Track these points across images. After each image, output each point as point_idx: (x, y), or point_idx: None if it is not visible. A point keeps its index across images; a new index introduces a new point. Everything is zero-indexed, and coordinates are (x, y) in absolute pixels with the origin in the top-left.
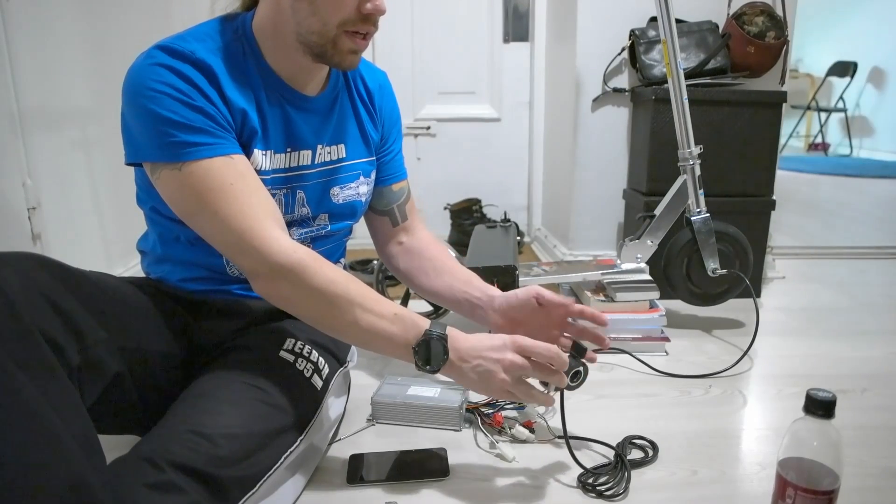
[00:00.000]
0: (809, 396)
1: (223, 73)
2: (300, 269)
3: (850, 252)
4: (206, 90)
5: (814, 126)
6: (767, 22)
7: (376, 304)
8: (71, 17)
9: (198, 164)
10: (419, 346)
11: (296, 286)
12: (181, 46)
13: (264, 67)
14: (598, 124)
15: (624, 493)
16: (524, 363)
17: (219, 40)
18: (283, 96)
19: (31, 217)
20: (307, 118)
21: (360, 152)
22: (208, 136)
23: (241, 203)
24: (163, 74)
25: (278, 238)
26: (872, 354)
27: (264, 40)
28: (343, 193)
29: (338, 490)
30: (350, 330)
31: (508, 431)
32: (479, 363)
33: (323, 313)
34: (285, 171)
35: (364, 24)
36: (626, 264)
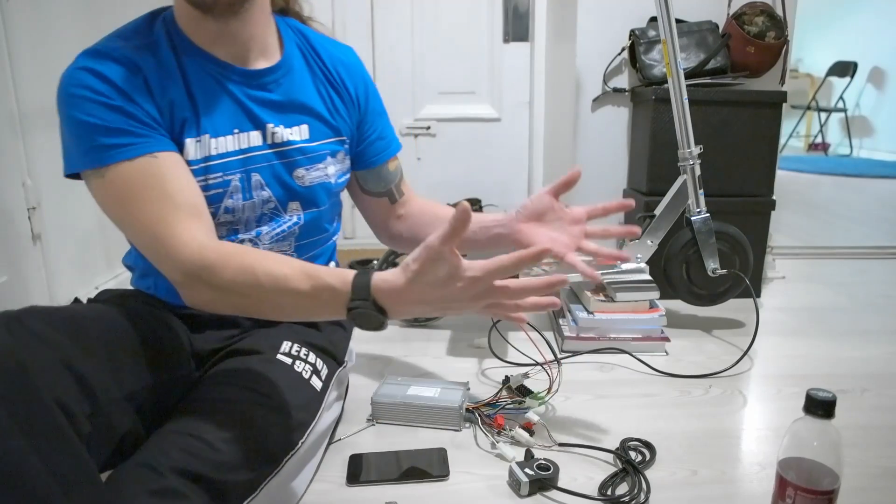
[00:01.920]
0: (809, 396)
1: (148, 67)
2: (208, 269)
3: (850, 252)
4: (126, 87)
5: (814, 126)
6: (767, 22)
7: (289, 280)
8: (71, 17)
9: (118, 167)
10: (350, 316)
11: (210, 287)
12: (103, 46)
13: (196, 52)
14: (598, 124)
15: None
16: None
17: (146, 34)
18: (223, 76)
19: (31, 217)
20: (254, 96)
21: (325, 132)
22: (129, 136)
23: (157, 208)
24: (82, 78)
25: (187, 241)
26: (872, 354)
27: (181, 22)
28: (309, 175)
29: (338, 490)
30: (278, 315)
31: (508, 433)
32: (431, 308)
33: (246, 307)
34: (237, 153)
35: None
36: (626, 264)
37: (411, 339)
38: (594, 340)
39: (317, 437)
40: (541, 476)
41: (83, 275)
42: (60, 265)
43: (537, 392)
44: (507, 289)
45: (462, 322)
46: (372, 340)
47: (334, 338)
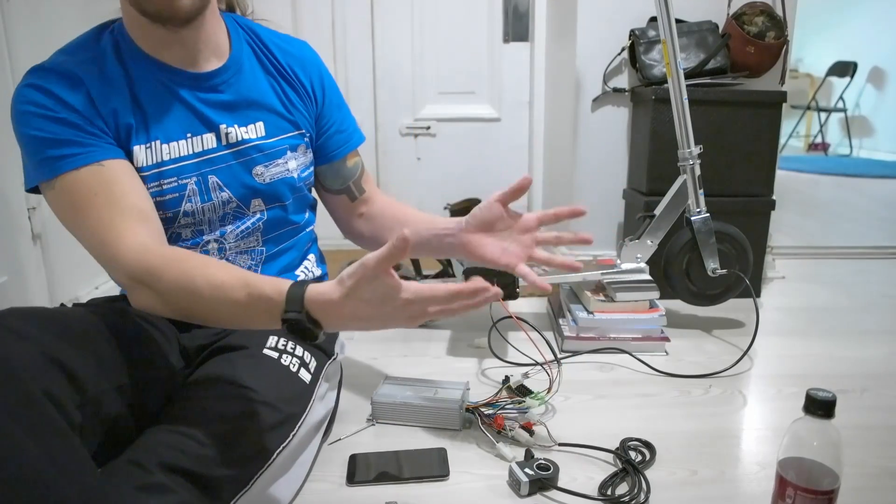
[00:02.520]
0: (809, 396)
1: (91, 78)
2: (150, 273)
3: (850, 252)
4: (69, 99)
5: (814, 126)
6: (767, 22)
7: (226, 288)
8: (71, 17)
9: (66, 177)
10: (286, 328)
11: (152, 292)
12: (47, 62)
13: (144, 58)
14: (598, 124)
15: (645, 501)
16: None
17: (91, 47)
18: (173, 81)
19: (31, 217)
20: (205, 99)
21: (281, 128)
22: (74, 146)
23: (103, 213)
24: (27, 94)
25: (130, 246)
26: (872, 354)
27: (130, 30)
28: (269, 172)
29: (338, 490)
30: (216, 322)
31: (508, 433)
32: (366, 325)
33: (185, 313)
34: (192, 157)
35: None
36: (626, 264)
37: (411, 339)
38: (594, 340)
39: (309, 428)
40: (541, 476)
41: (83, 275)
42: (60, 265)
43: (537, 392)
44: (441, 310)
45: (462, 322)
46: (372, 340)
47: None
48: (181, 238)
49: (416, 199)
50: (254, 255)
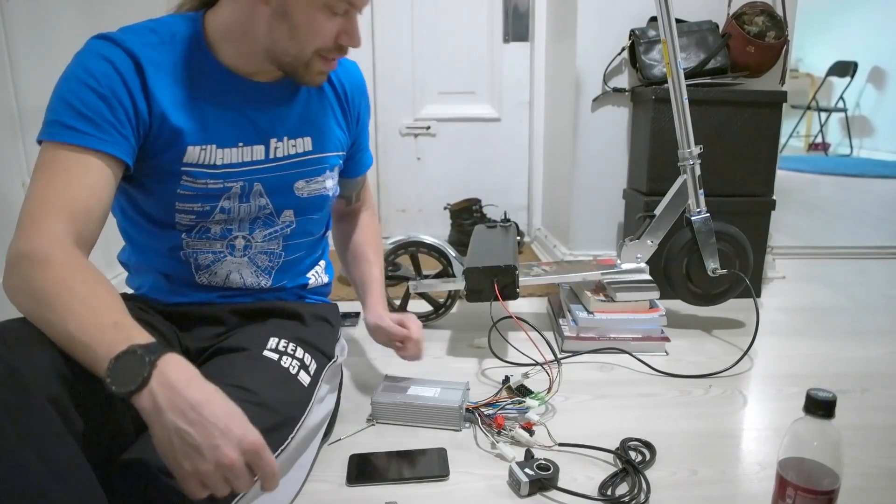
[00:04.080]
0: (809, 396)
1: (155, 68)
2: (34, 261)
3: (850, 252)
4: (126, 76)
5: (814, 126)
6: (767, 22)
7: (98, 311)
8: (71, 17)
9: (61, 145)
10: (115, 360)
11: (23, 279)
12: (117, 34)
13: (212, 62)
14: (598, 124)
15: (645, 501)
16: (241, 469)
17: (163, 34)
18: (233, 89)
19: None
20: (262, 109)
21: (328, 146)
22: (90, 125)
23: (52, 192)
24: (87, 60)
25: (42, 231)
26: (872, 354)
27: (223, 40)
28: (309, 187)
29: (338, 490)
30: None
31: (508, 433)
32: (192, 433)
33: (39, 309)
34: (240, 165)
35: (338, 52)
36: (626, 264)
37: None
38: (594, 340)
39: (308, 431)
40: (541, 476)
41: None
42: None
43: (537, 392)
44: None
45: (462, 322)
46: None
47: (322, 332)
48: (209, 232)
49: (416, 199)
50: (272, 258)
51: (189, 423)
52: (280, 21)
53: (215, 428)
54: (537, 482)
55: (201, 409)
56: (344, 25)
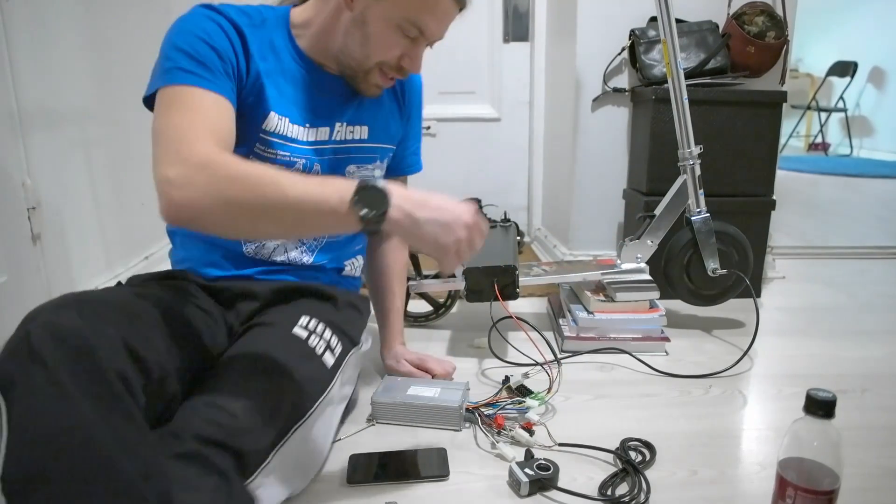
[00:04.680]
0: (809, 396)
1: (253, 42)
2: (217, 163)
3: (850, 252)
4: (233, 39)
5: (814, 126)
6: (767, 22)
7: (301, 177)
8: (71, 16)
9: (185, 88)
10: (357, 195)
11: (211, 181)
12: (221, 6)
13: (295, 48)
14: (598, 124)
15: (645, 501)
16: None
17: (256, 17)
18: (310, 74)
19: (31, 217)
20: (330, 96)
21: (381, 137)
22: (206, 70)
23: (194, 122)
24: (197, 18)
25: (203, 143)
26: (872, 354)
27: (305, 33)
28: (359, 172)
29: (338, 490)
30: (280, 214)
31: (508, 433)
32: (439, 217)
33: (246, 200)
34: (306, 143)
35: (398, 71)
36: (626, 264)
37: (411, 339)
38: (594, 340)
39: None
40: (541, 476)
41: (83, 275)
42: (60, 265)
43: (537, 392)
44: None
45: (462, 322)
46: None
47: (351, 318)
48: None
49: None
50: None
51: (433, 211)
52: (357, 28)
53: (447, 207)
54: (537, 482)
55: (430, 201)
56: (409, 49)
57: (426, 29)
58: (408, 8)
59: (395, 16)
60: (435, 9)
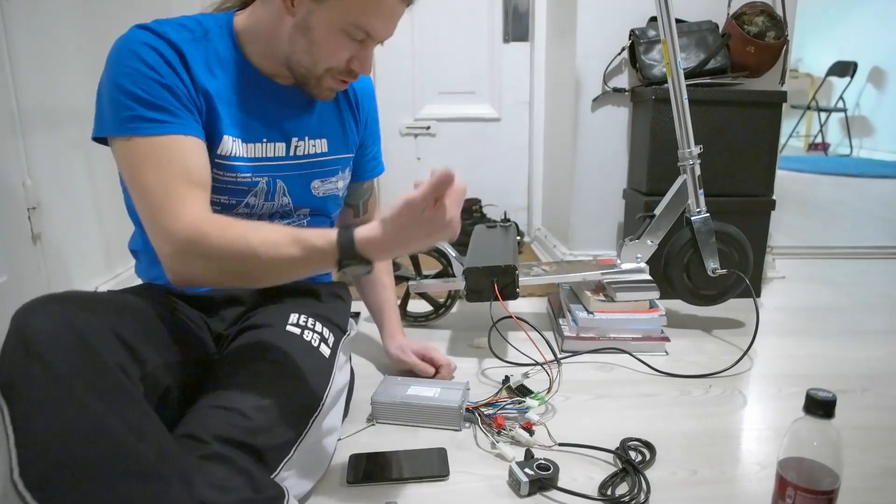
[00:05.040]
0: (809, 396)
1: (195, 58)
2: (202, 237)
3: (850, 252)
4: (177, 67)
5: (814, 126)
6: (767, 22)
7: (280, 246)
8: (71, 17)
9: (150, 138)
10: (342, 260)
11: (202, 257)
12: (158, 26)
13: (242, 60)
14: (598, 124)
15: (645, 501)
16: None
17: (197, 30)
18: (260, 87)
19: (31, 217)
20: (283, 110)
21: (340, 148)
22: (168, 114)
23: (168, 180)
24: (137, 49)
25: (186, 212)
26: (872, 354)
27: (251, 41)
28: (324, 187)
29: (338, 490)
30: (268, 279)
31: (508, 433)
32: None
33: (237, 274)
34: (260, 160)
35: (348, 75)
36: (626, 264)
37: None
38: (594, 340)
39: (334, 396)
40: (541, 476)
41: (83, 275)
42: (60, 265)
43: (537, 392)
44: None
45: (462, 322)
46: (372, 341)
47: (337, 307)
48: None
49: None
50: None
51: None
52: (301, 34)
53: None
54: (537, 482)
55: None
56: (358, 52)
57: (373, 31)
58: (351, 11)
59: (340, 20)
60: (379, 9)
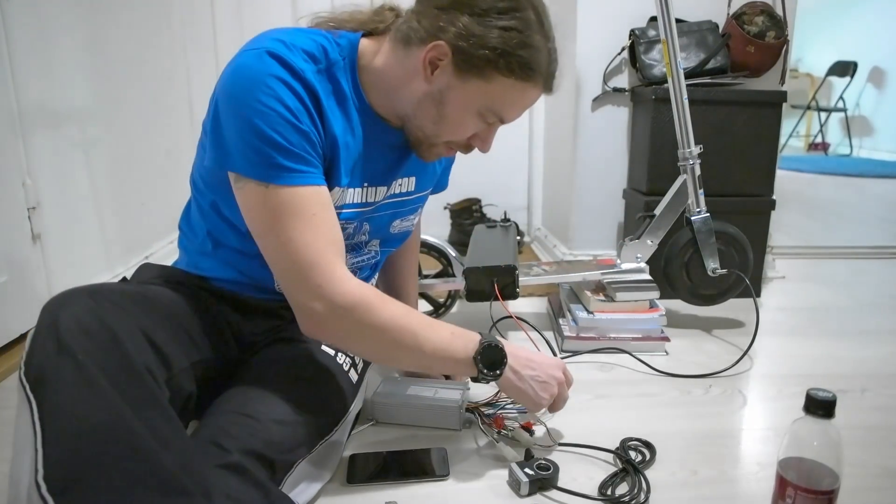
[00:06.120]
0: (809, 396)
1: (327, 98)
2: (364, 307)
3: (850, 252)
4: (312, 111)
5: (814, 126)
6: (767, 21)
7: (435, 328)
8: (71, 16)
9: (288, 188)
10: (479, 354)
11: (358, 324)
12: (293, 61)
13: (361, 100)
14: (598, 124)
15: (645, 501)
16: (565, 385)
17: (322, 60)
18: (373, 130)
19: (31, 217)
20: (388, 153)
21: (425, 184)
22: (305, 164)
23: (315, 236)
24: (276, 88)
25: (343, 278)
26: (872, 354)
27: (373, 84)
28: (402, 225)
29: (338, 490)
30: (414, 357)
31: (508, 433)
32: (539, 374)
33: (387, 347)
34: (358, 206)
35: (465, 149)
36: (626, 264)
37: None
38: (594, 340)
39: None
40: (541, 476)
41: (83, 275)
42: (60, 265)
43: None
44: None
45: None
46: None
47: None
48: None
49: None
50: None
51: (536, 370)
52: (433, 105)
53: (545, 366)
54: (537, 482)
55: (533, 360)
56: (484, 132)
57: (507, 117)
58: (494, 98)
59: (478, 103)
60: (524, 101)
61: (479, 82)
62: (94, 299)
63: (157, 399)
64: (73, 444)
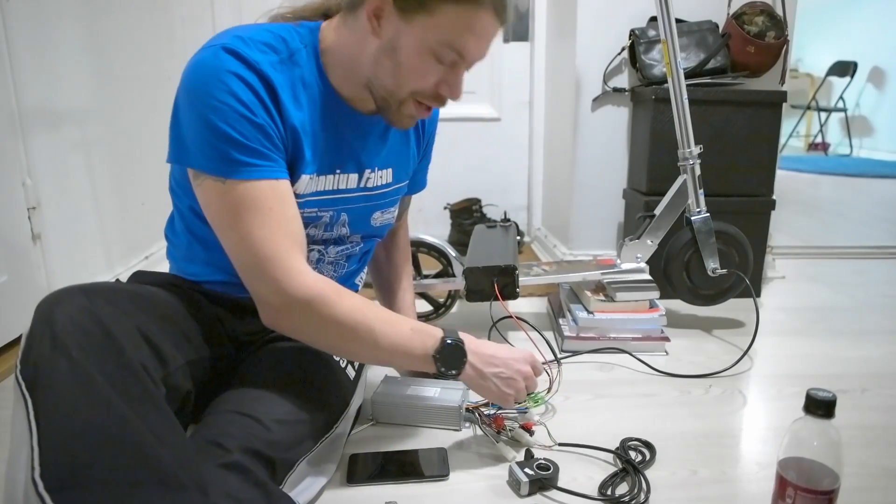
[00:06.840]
0: (809, 396)
1: (284, 89)
2: (321, 301)
3: (850, 252)
4: (269, 104)
5: (814, 126)
6: (767, 22)
7: (394, 324)
8: (71, 16)
9: (243, 183)
10: (439, 353)
11: (314, 318)
12: (247, 52)
13: (326, 85)
14: (598, 124)
15: (645, 501)
16: (532, 377)
17: (283, 51)
18: (341, 115)
19: (31, 217)
20: (360, 140)
21: (402, 176)
22: (261, 157)
23: (272, 230)
24: (229, 83)
25: (301, 271)
26: (872, 354)
27: (334, 63)
28: (383, 217)
29: (338, 490)
30: (371, 352)
31: (508, 433)
32: (502, 371)
33: (343, 341)
34: (331, 192)
35: (434, 100)
36: (626, 264)
37: None
38: (594, 340)
39: (349, 419)
40: (541, 476)
41: (83, 275)
42: (60, 265)
43: (537, 392)
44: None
45: (462, 322)
46: None
47: None
48: None
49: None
50: (337, 268)
51: (499, 366)
52: (386, 56)
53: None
54: (537, 482)
55: (496, 355)
56: (447, 76)
57: (466, 51)
58: (443, 30)
59: (430, 40)
60: (474, 27)
61: (424, 18)
62: (88, 297)
63: (153, 396)
64: (69, 442)
